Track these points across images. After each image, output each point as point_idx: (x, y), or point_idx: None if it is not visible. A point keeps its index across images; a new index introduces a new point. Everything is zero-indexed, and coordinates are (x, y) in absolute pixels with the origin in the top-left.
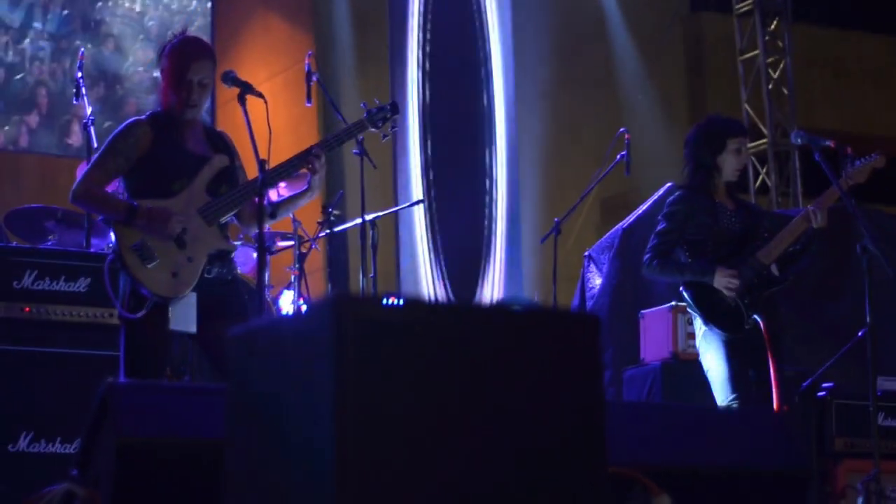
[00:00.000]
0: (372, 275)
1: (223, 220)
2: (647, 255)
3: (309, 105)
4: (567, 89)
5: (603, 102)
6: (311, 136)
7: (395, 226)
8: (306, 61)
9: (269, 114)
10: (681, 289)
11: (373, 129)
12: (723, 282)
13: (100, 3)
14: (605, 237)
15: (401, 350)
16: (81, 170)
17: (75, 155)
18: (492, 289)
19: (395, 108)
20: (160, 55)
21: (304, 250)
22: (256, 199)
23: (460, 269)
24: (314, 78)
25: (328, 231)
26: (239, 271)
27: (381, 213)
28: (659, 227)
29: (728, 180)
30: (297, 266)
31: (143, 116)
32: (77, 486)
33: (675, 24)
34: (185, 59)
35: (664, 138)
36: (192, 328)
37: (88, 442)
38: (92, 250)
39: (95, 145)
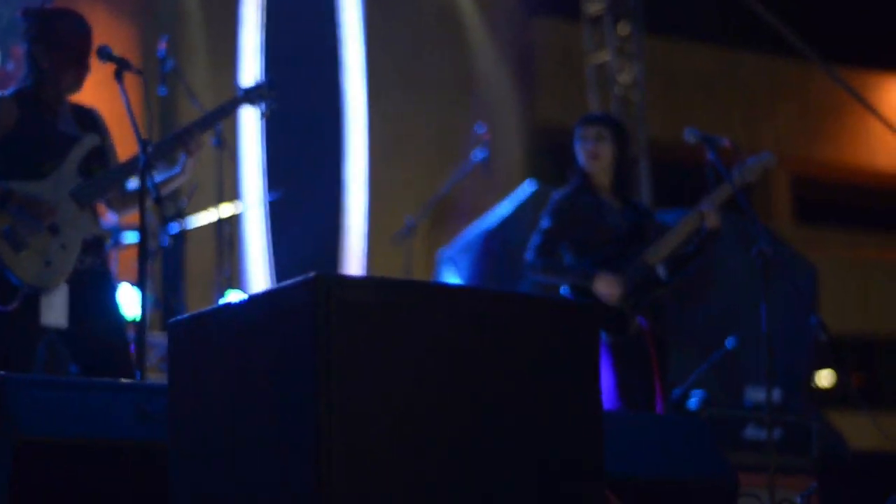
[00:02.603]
0: (227, 272)
1: (99, 201)
2: (528, 254)
3: (163, 94)
4: (415, 85)
5: (444, 100)
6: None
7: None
8: (161, 47)
9: (147, 91)
10: (561, 290)
11: (248, 106)
12: (604, 287)
13: None
14: (461, 237)
15: (387, 332)
16: None
17: None
18: None
19: (273, 84)
20: (30, 29)
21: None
22: (137, 180)
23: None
24: (170, 65)
25: (178, 226)
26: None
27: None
28: (542, 225)
29: (588, 171)
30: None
31: (6, 92)
32: None
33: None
34: (83, 37)
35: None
36: (63, 322)
37: None
38: None
39: None
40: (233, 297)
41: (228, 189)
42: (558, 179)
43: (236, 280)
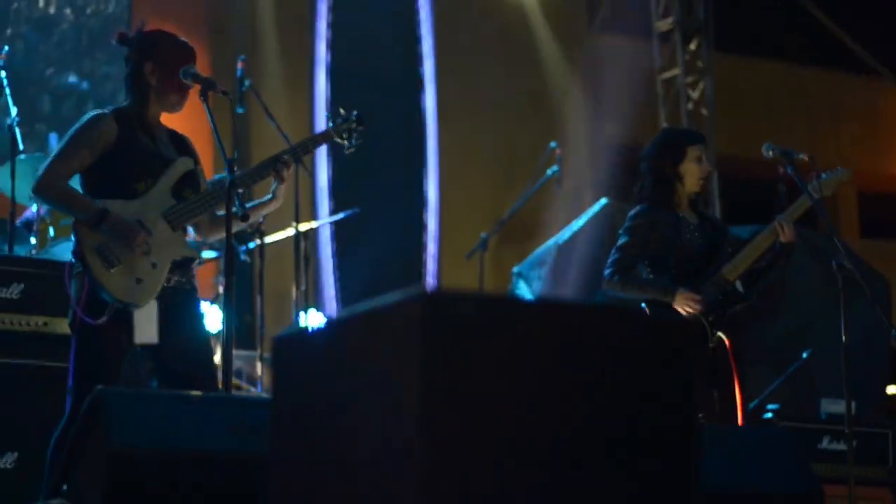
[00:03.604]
0: (303, 287)
1: (190, 223)
2: (607, 270)
3: (240, 112)
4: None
5: (513, 118)
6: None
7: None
8: (239, 66)
9: (233, 111)
10: (642, 305)
11: (338, 140)
12: (683, 304)
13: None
14: (535, 253)
15: (492, 349)
16: None
17: None
18: None
19: (361, 120)
20: (139, 49)
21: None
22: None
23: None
24: (246, 83)
25: (259, 242)
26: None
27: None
28: (620, 242)
29: (691, 191)
30: (221, 278)
31: (106, 110)
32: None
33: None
34: (182, 59)
35: None
36: (155, 340)
37: (71, 454)
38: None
39: (22, 147)
40: (312, 316)
41: (305, 207)
42: (626, 196)
43: (312, 297)
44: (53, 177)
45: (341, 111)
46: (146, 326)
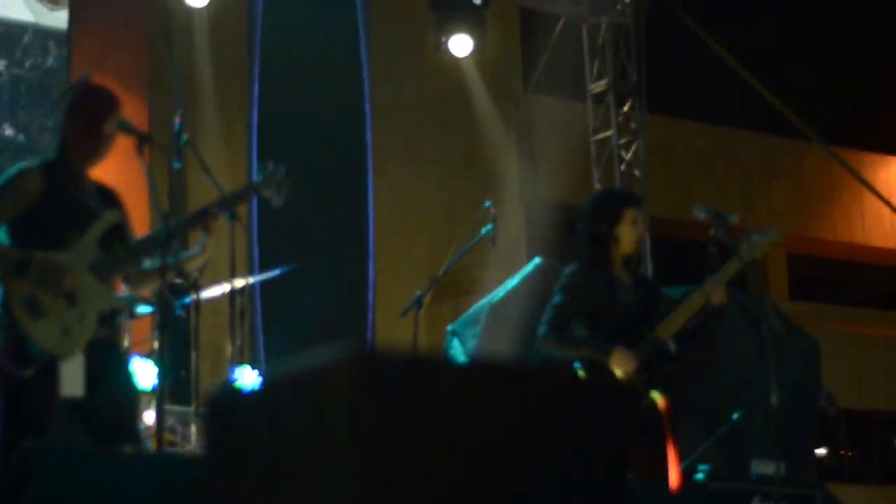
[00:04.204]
0: (238, 343)
1: (117, 275)
2: (542, 328)
3: (177, 167)
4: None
5: (447, 175)
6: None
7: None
8: (177, 120)
9: (169, 165)
10: (575, 365)
11: (265, 194)
12: (619, 362)
13: None
14: (469, 311)
15: (423, 410)
16: None
17: None
18: None
19: (288, 172)
20: (64, 101)
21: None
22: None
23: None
24: (184, 138)
25: (195, 297)
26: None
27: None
28: (555, 300)
29: (626, 252)
30: (156, 333)
31: (34, 163)
32: None
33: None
34: (102, 109)
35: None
36: (79, 392)
37: None
38: None
39: None
40: (246, 373)
41: (240, 262)
42: (560, 254)
43: (247, 352)
44: None
45: (270, 165)
46: (71, 380)
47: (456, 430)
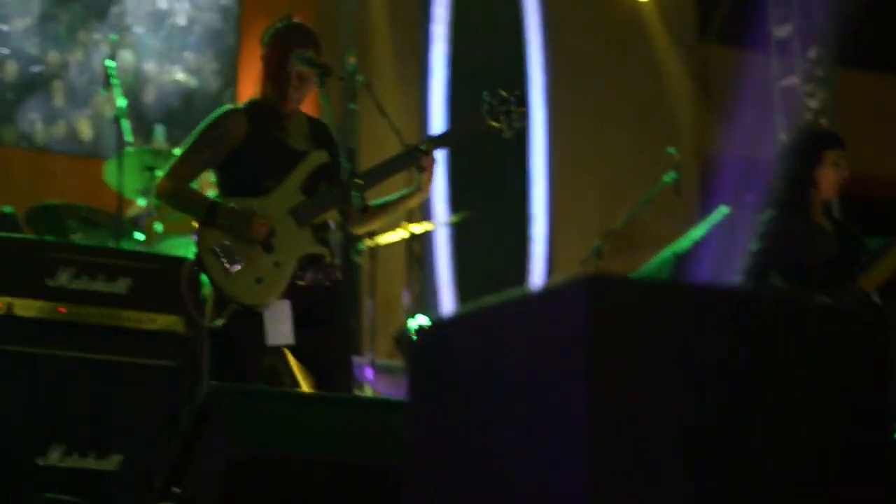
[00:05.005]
0: (415, 290)
1: (317, 221)
2: (738, 278)
3: (354, 107)
4: (596, 108)
5: (626, 125)
6: None
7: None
8: (351, 60)
9: (345, 102)
10: None
11: (494, 124)
12: None
13: None
14: (651, 262)
15: (658, 336)
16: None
17: (87, 153)
18: None
19: (521, 100)
20: (262, 41)
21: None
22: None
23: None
24: (359, 79)
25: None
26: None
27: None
28: (752, 248)
29: (826, 197)
30: None
31: (239, 106)
32: None
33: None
34: (286, 47)
35: None
36: (290, 340)
37: (181, 457)
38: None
39: (128, 139)
40: (420, 320)
41: (417, 208)
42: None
43: (423, 299)
44: (174, 179)
45: (502, 92)
46: (279, 327)
47: (694, 358)
